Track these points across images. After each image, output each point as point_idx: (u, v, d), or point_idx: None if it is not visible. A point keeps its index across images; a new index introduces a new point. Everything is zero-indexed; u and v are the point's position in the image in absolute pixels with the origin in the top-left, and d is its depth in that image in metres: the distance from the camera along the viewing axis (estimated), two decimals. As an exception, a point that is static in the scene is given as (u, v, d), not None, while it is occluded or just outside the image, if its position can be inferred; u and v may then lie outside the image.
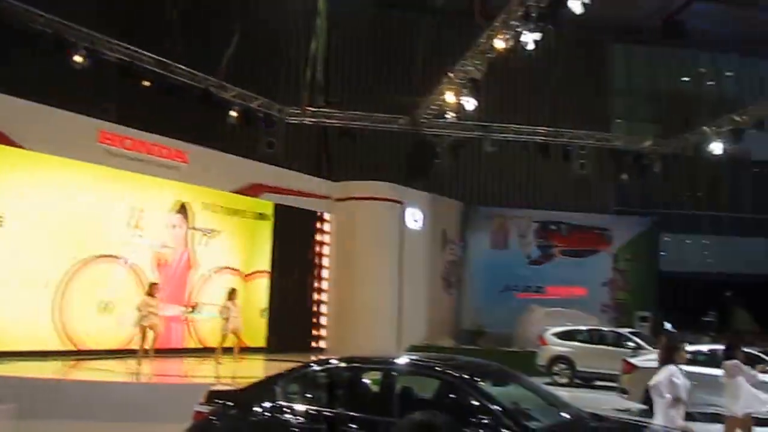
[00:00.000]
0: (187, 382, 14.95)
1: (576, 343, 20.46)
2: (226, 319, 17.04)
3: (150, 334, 15.59)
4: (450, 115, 22.40)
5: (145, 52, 18.90)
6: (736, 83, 31.21)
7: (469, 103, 20.37)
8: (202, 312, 18.30)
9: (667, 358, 8.05)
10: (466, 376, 6.79)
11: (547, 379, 19.71)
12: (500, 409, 6.32)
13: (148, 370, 15.07)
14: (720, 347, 16.37)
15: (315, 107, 23.59)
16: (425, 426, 2.20)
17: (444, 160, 25.92)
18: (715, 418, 14.32)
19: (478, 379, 6.88)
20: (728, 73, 31.52)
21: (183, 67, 19.80)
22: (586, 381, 20.22)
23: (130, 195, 18.02)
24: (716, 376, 14.40)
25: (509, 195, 28.14)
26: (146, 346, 15.48)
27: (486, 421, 6.13)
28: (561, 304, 25.19)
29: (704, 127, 24.82)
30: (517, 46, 18.09)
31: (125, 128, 17.61)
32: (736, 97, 29.97)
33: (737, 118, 23.25)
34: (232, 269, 20.65)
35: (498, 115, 27.10)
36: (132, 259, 17.83)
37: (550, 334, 20.89)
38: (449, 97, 20.90)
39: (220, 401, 7.29)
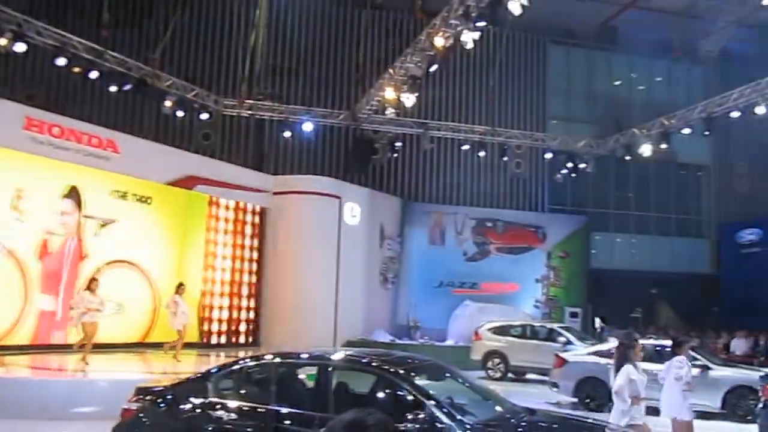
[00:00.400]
0: (116, 377, 14.42)
1: (509, 338, 20.63)
2: (174, 314, 16.51)
3: (90, 331, 14.85)
4: (389, 112, 22.37)
5: (78, 38, 18.30)
6: (665, 88, 31.91)
7: (409, 100, 20.34)
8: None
9: (622, 357, 8.13)
10: (401, 371, 6.71)
11: (482, 374, 19.89)
12: (435, 403, 6.26)
13: (75, 366, 14.49)
14: (646, 342, 16.82)
15: (252, 99, 23.27)
16: (358, 424, 2.06)
17: (383, 156, 25.93)
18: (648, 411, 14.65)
19: (413, 374, 6.81)
20: (658, 79, 32.22)
21: (117, 55, 19.28)
22: (519, 375, 20.46)
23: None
24: (646, 370, 14.80)
25: (447, 192, 28.26)
26: (85, 342, 14.75)
27: (421, 416, 6.05)
28: (495, 300, 25.43)
29: (635, 130, 25.37)
30: (457, 45, 18.11)
31: (54, 115, 16.88)
32: (665, 101, 30.66)
33: (666, 122, 23.82)
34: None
35: (437, 112, 27.30)
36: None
37: (485, 329, 21.02)
38: (389, 93, 20.83)
39: (149, 398, 7.04)
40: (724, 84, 30.22)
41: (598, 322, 28.67)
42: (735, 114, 22.24)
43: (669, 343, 14.65)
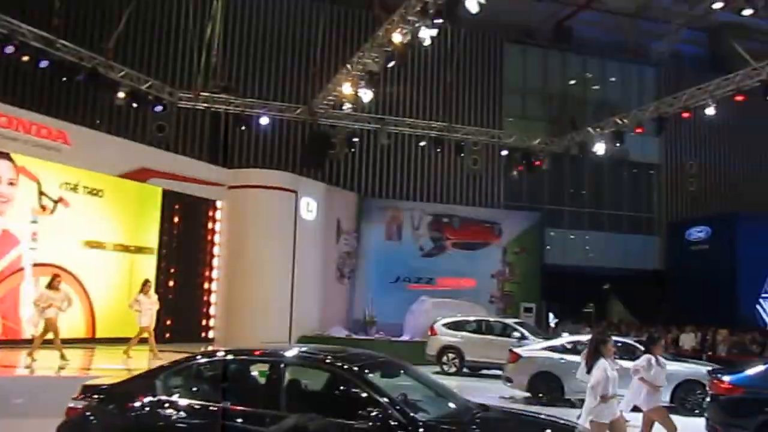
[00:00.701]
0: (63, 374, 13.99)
1: (464, 333, 20.64)
2: (139, 312, 16.10)
3: (52, 327, 14.36)
4: (347, 107, 22.22)
5: (27, 27, 17.76)
6: (618, 88, 32.32)
7: (366, 96, 20.23)
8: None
9: (595, 353, 8.12)
10: (354, 368, 6.61)
11: (437, 369, 19.90)
12: (388, 400, 6.18)
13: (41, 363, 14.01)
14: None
15: (208, 92, 22.91)
16: (299, 430, 1.95)
17: (340, 151, 25.76)
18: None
19: (367, 371, 6.73)
20: (612, 79, 32.60)
21: (68, 44, 18.76)
22: (474, 370, 20.50)
23: None
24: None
25: (403, 187, 28.23)
26: (46, 338, 14.26)
27: (374, 414, 5.96)
28: (451, 295, 25.44)
29: (589, 129, 25.61)
30: (415, 42, 18.06)
31: (1, 105, 16.41)
32: (618, 101, 31.07)
33: (619, 122, 24.07)
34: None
35: (394, 108, 27.25)
36: None
37: (440, 325, 20.99)
38: (346, 88, 20.70)
39: (96, 396, 6.82)
40: (675, 85, 30.76)
41: (552, 317, 29.01)
42: (685, 115, 22.56)
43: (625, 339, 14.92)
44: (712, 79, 21.90)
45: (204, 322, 21.62)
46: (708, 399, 11.14)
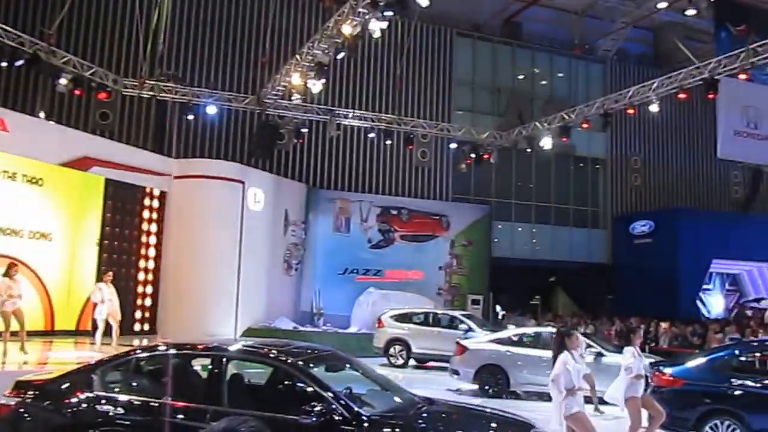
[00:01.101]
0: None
1: (412, 326, 20.66)
2: (101, 302, 15.66)
3: (19, 318, 13.87)
4: (296, 97, 22.01)
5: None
6: (566, 84, 32.68)
7: (316, 87, 20.06)
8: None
9: (560, 347, 8.14)
10: (298, 362, 6.53)
11: (384, 361, 19.92)
12: (333, 395, 6.11)
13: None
14: (544, 330, 17.18)
15: (154, 80, 22.45)
16: None
17: (288, 142, 25.57)
18: (539, 396, 14.95)
19: (311, 365, 6.65)
20: (560, 74, 32.94)
21: (8, 29, 18.14)
22: (421, 362, 20.56)
23: None
24: (540, 357, 15.13)
25: (352, 179, 28.13)
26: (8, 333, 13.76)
27: (318, 408, 5.89)
28: (399, 287, 25.52)
29: (537, 123, 25.86)
30: (365, 33, 17.97)
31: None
32: (565, 96, 31.45)
33: (566, 117, 24.36)
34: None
35: (344, 99, 27.12)
36: None
37: (387, 317, 20.98)
38: (296, 79, 20.49)
39: (30, 392, 6.58)
40: (620, 82, 31.35)
41: (499, 309, 29.27)
42: (630, 111, 22.92)
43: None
44: (657, 76, 22.30)
45: (147, 315, 21.16)
46: (650, 390, 11.33)
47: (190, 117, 22.95)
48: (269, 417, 6.33)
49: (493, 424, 6.78)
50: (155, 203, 21.47)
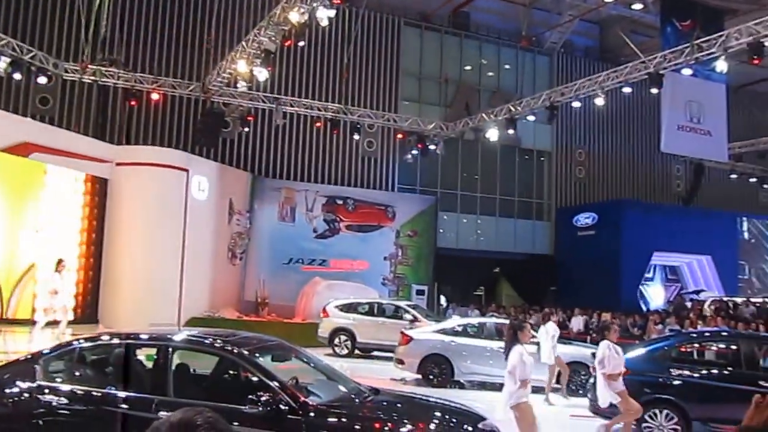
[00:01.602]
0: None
1: (357, 315, 20.81)
2: (54, 292, 15.35)
3: None
4: (241, 85, 21.88)
5: None
6: (512, 76, 33.08)
7: (262, 74, 19.98)
8: None
9: (512, 339, 8.33)
10: (244, 352, 6.61)
11: (329, 350, 20.03)
12: (279, 384, 6.21)
13: None
14: (488, 320, 17.53)
15: (96, 65, 22.07)
16: (186, 424, 1.94)
17: (233, 130, 25.43)
18: (483, 385, 15.28)
19: (257, 355, 6.74)
20: (506, 66, 33.31)
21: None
22: (366, 352, 20.73)
23: None
24: (484, 347, 15.47)
25: (298, 168, 28.09)
26: None
27: (264, 398, 5.99)
28: (344, 277, 25.59)
29: (483, 115, 26.19)
30: (312, 22, 17.95)
31: None
32: (512, 88, 31.86)
33: (512, 109, 24.72)
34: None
35: (290, 88, 27.04)
36: None
37: (332, 307, 21.07)
38: (242, 66, 20.37)
39: (-31, 382, 6.54)
40: (567, 74, 31.92)
41: (443, 299, 29.61)
42: (576, 104, 23.41)
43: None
44: (603, 69, 22.81)
45: (87, 304, 20.85)
46: (591, 380, 11.70)
47: (133, 103, 22.64)
48: (215, 407, 6.41)
49: (438, 413, 6.95)
50: (97, 190, 21.15)
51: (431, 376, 15.50)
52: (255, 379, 6.51)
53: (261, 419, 5.96)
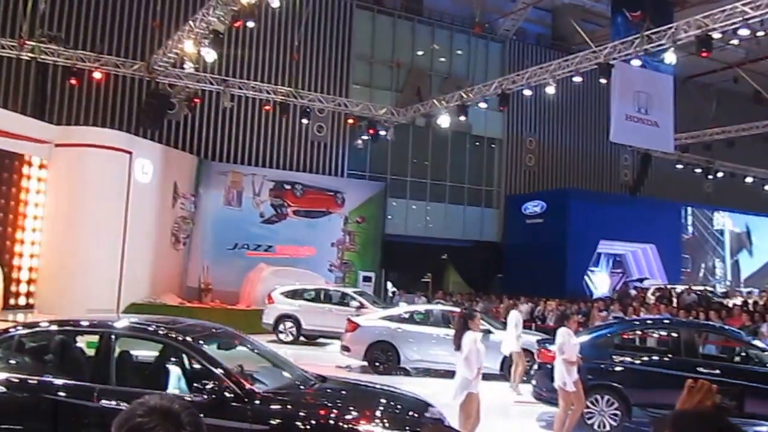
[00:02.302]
0: None
1: (303, 302, 20.83)
2: None
3: None
4: (188, 66, 21.59)
5: None
6: (465, 62, 33.27)
7: (210, 55, 19.75)
8: None
9: (463, 327, 8.43)
10: (188, 340, 6.61)
11: (273, 338, 20.02)
12: (224, 372, 6.24)
13: None
14: (434, 307, 17.74)
15: (35, 41, 21.53)
16: (166, 411, 1.96)
17: (179, 112, 25.10)
18: (428, 372, 15.49)
19: (202, 342, 6.74)
20: (459, 52, 33.48)
21: None
22: (311, 339, 20.79)
23: None
24: (431, 334, 15.67)
25: (246, 152, 27.90)
26: None
27: (209, 386, 6.01)
28: (291, 264, 25.60)
29: (434, 101, 26.33)
30: (263, 2, 17.82)
31: None
32: (464, 74, 32.09)
33: (464, 95, 24.88)
34: None
35: (239, 70, 26.78)
36: None
37: (278, 293, 21.05)
38: (189, 46, 20.10)
39: None
40: (519, 62, 32.24)
41: (390, 286, 29.78)
42: (527, 92, 23.67)
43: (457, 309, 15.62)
44: (554, 58, 23.11)
45: (25, 289, 20.46)
46: (535, 367, 11.99)
47: (74, 82, 22.18)
48: (159, 395, 6.41)
49: (384, 400, 7.06)
50: (35, 172, 20.69)
51: (377, 363, 15.65)
52: (199, 367, 6.52)
53: (205, 407, 5.96)
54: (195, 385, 6.09)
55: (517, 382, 14.21)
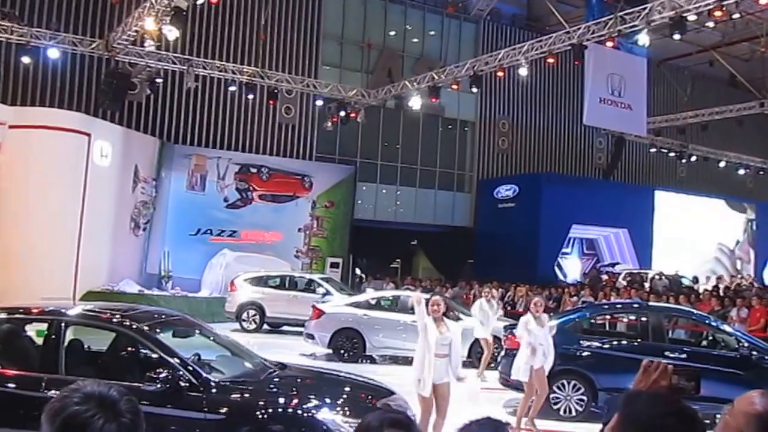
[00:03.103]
0: None
1: (267, 289, 20.82)
2: None
3: None
4: (149, 44, 21.28)
5: None
6: (437, 43, 33.14)
7: (172, 33, 19.44)
8: None
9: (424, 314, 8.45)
10: (142, 328, 6.56)
11: (236, 326, 19.99)
12: (179, 361, 6.22)
13: None
14: (402, 293, 17.79)
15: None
16: (104, 397, 1.90)
17: (140, 92, 24.80)
18: (395, 360, 15.55)
19: (157, 331, 6.71)
20: (432, 32, 33.33)
21: None
22: (275, 327, 20.77)
23: None
24: (398, 321, 15.73)
25: (210, 134, 27.59)
26: None
27: (164, 375, 5.98)
28: (256, 249, 25.50)
29: (406, 82, 26.28)
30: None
31: None
32: (436, 56, 32.01)
33: (436, 76, 24.87)
34: None
35: (203, 49, 26.49)
36: None
37: (241, 280, 21.00)
38: (149, 24, 19.78)
39: None
40: (492, 43, 32.23)
41: (358, 272, 29.81)
42: (500, 74, 23.71)
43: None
44: (529, 39, 23.11)
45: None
46: (502, 353, 12.09)
47: (28, 60, 21.79)
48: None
49: (347, 389, 7.09)
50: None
51: (342, 351, 15.67)
52: (154, 355, 6.49)
53: (160, 397, 5.95)
54: (149, 374, 6.05)
55: (482, 369, 14.34)
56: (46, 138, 20.48)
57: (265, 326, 20.62)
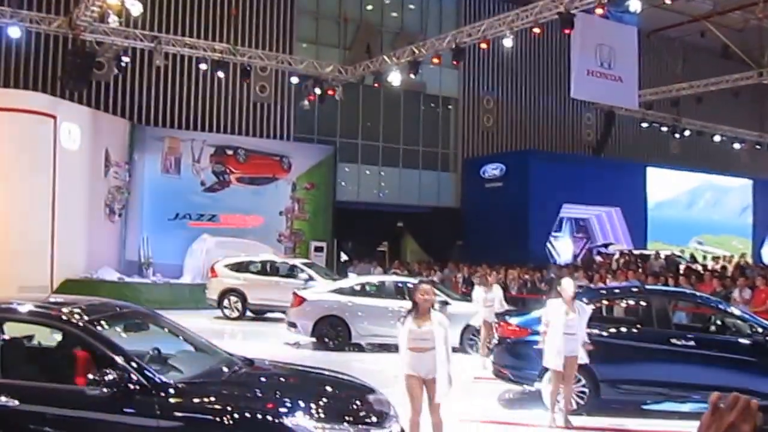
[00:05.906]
0: None
1: (248, 275, 20.44)
2: None
3: None
4: (113, 20, 20.46)
5: None
6: (417, 16, 32.43)
7: (135, 7, 18.68)
8: None
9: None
10: (82, 322, 5.87)
11: (218, 313, 19.58)
12: (124, 359, 5.54)
13: None
14: (388, 278, 17.17)
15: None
16: None
17: (108, 72, 24.05)
18: (383, 348, 14.94)
19: (104, 325, 6.04)
20: (411, 6, 32.64)
21: None
22: (258, 314, 20.34)
23: None
24: (385, 307, 15.10)
25: (182, 115, 26.86)
26: None
27: (110, 376, 5.32)
28: (237, 234, 25.07)
29: (385, 58, 25.57)
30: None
31: None
32: (417, 29, 31.26)
33: (416, 51, 24.16)
34: None
35: (171, 25, 25.74)
36: None
37: (222, 266, 20.57)
38: (112, -3, 19.03)
39: None
40: (475, 16, 31.48)
41: (344, 256, 29.21)
42: (483, 46, 22.98)
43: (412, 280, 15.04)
44: (512, 9, 22.40)
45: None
46: (495, 341, 11.39)
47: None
48: (51, 388, 5.73)
49: (321, 388, 6.51)
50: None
51: (327, 340, 15.07)
52: (98, 353, 5.80)
53: (106, 402, 5.30)
54: (90, 377, 5.36)
55: (483, 351, 13.70)
56: (9, 121, 20.12)
57: (249, 313, 20.17)
